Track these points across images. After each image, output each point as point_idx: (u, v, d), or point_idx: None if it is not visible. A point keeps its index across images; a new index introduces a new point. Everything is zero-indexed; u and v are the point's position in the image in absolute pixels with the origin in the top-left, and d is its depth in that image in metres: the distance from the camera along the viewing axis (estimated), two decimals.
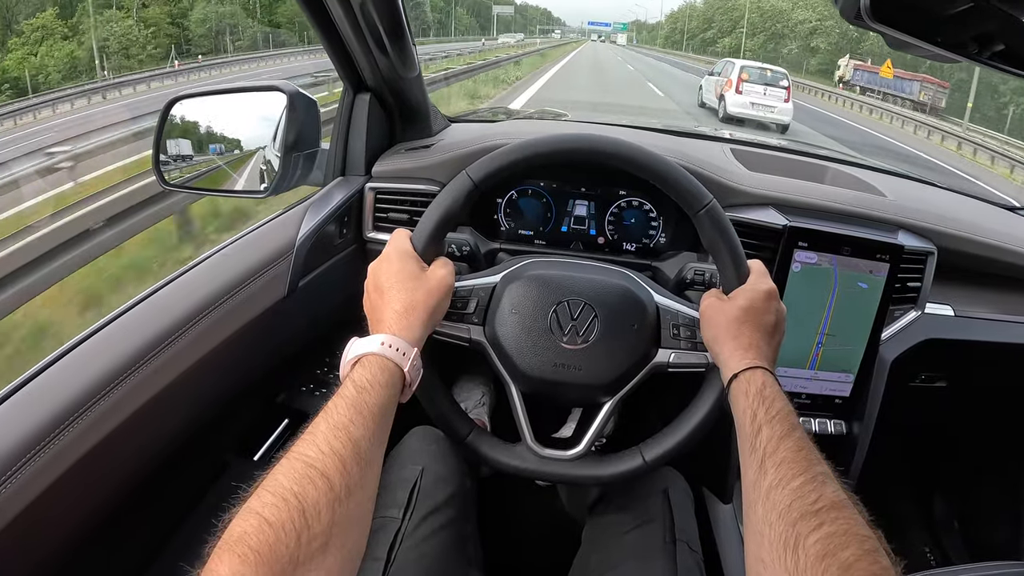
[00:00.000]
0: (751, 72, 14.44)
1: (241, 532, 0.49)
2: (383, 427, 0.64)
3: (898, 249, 1.10)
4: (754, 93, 14.13)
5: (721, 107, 14.53)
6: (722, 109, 14.45)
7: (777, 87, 14.27)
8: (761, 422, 0.66)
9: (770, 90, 14.19)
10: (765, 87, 14.19)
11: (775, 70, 14.88)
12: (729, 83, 14.36)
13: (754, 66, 14.96)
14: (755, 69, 14.66)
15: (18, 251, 3.20)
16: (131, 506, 0.77)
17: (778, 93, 14.21)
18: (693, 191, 0.82)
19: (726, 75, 14.78)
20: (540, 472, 0.87)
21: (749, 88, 14.15)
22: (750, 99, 14.05)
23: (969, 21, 0.59)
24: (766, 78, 14.36)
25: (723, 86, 14.65)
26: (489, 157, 0.82)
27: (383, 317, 0.72)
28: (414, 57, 1.16)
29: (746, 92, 14.11)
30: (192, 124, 1.12)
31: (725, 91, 14.43)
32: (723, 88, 14.61)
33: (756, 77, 14.34)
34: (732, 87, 14.22)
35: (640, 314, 0.86)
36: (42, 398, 0.69)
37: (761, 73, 14.51)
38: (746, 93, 14.11)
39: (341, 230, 1.15)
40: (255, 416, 1.18)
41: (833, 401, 1.17)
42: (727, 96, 14.31)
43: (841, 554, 0.52)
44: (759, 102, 14.02)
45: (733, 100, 14.14)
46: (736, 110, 13.98)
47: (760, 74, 14.47)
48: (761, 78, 14.34)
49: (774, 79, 14.39)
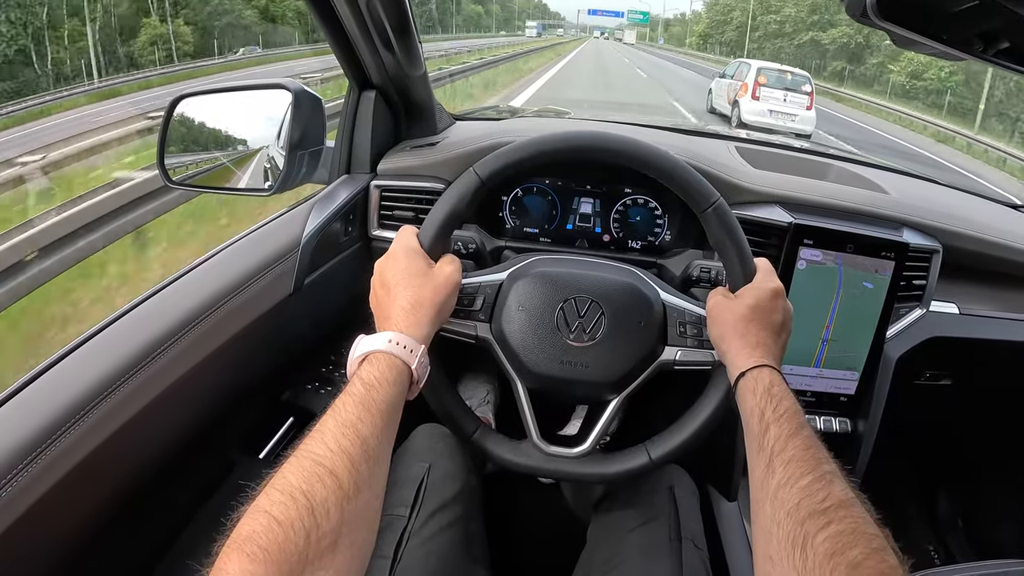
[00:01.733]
0: (769, 75, 12.78)
1: (250, 531, 0.49)
2: (391, 424, 0.64)
3: (903, 247, 1.10)
4: (773, 99, 12.51)
5: (734, 114, 12.85)
6: (735, 116, 12.75)
7: (799, 92, 12.61)
8: (769, 421, 0.66)
9: (791, 96, 12.55)
10: (785, 92, 12.57)
11: (797, 73, 13.17)
12: (744, 87, 12.71)
13: (773, 68, 13.30)
14: (774, 72, 12.98)
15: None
16: (138, 504, 0.77)
17: (800, 99, 12.56)
18: (701, 189, 0.82)
19: (740, 78, 13.12)
20: (546, 470, 0.87)
21: (767, 93, 12.54)
22: (768, 106, 12.42)
23: (975, 18, 0.59)
24: (786, 82, 12.71)
25: (737, 90, 12.96)
26: (496, 154, 0.82)
27: (390, 314, 0.72)
28: (420, 55, 1.16)
29: (764, 98, 12.50)
30: (197, 122, 1.11)
31: (740, 97, 12.76)
32: (737, 93, 12.92)
33: (775, 81, 12.68)
34: (748, 92, 12.58)
35: (647, 312, 0.86)
36: (49, 396, 0.69)
37: (781, 76, 12.84)
38: (764, 99, 12.50)
39: (346, 228, 1.15)
40: (260, 414, 1.18)
41: (838, 399, 1.17)
42: (742, 102, 12.62)
43: (849, 552, 0.52)
44: (778, 109, 12.40)
45: (749, 107, 12.46)
46: (752, 118, 12.18)
47: (780, 77, 12.81)
48: (781, 82, 12.68)
49: (795, 83, 12.72)
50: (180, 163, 1.12)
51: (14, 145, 10.06)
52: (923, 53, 0.69)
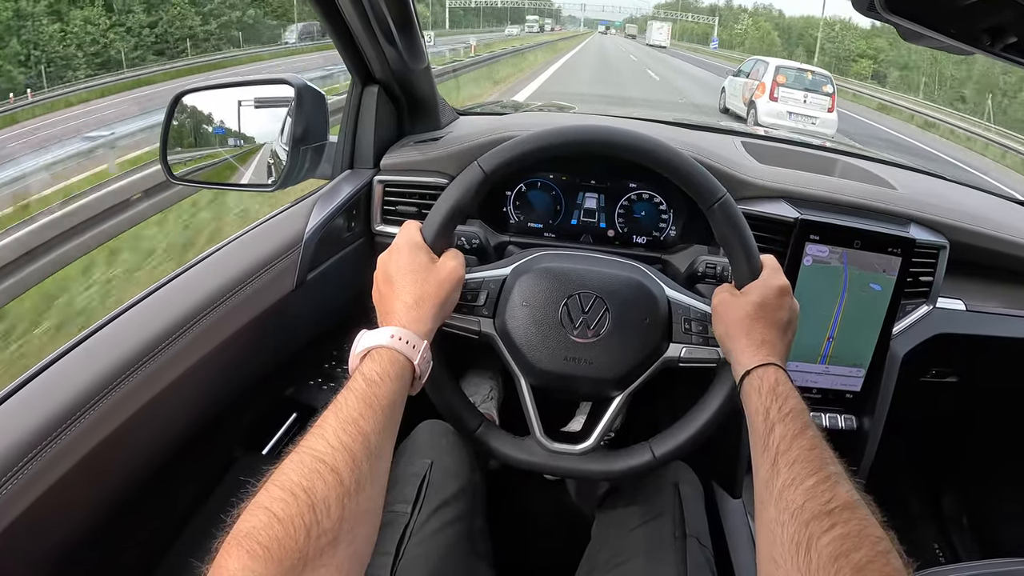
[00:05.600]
0: (789, 74, 11.96)
1: (250, 527, 0.48)
2: (393, 420, 0.63)
3: (910, 242, 1.09)
4: (792, 100, 11.65)
5: (750, 115, 11.99)
6: (751, 118, 11.87)
7: (820, 93, 11.78)
8: (774, 420, 0.66)
9: (811, 97, 11.72)
10: (805, 93, 11.74)
11: (817, 72, 12.40)
12: (762, 87, 11.84)
13: (792, 67, 12.44)
14: (793, 71, 12.16)
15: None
16: (139, 500, 0.77)
17: (821, 101, 11.72)
18: (706, 184, 0.82)
19: (757, 77, 12.26)
20: (550, 466, 0.87)
21: (786, 94, 11.70)
22: (787, 107, 11.56)
23: (982, 12, 0.59)
24: (806, 82, 11.87)
25: (754, 90, 12.12)
26: (500, 148, 0.82)
27: (393, 309, 0.72)
28: (423, 49, 1.15)
29: (782, 99, 11.65)
30: (200, 117, 1.11)
31: (756, 97, 11.91)
32: (754, 93, 12.08)
33: (794, 81, 11.84)
34: (765, 92, 11.71)
35: (652, 308, 0.85)
36: (51, 392, 0.69)
37: (800, 76, 12.01)
38: (782, 100, 11.64)
39: (349, 223, 1.15)
40: (263, 409, 1.18)
41: (844, 396, 1.16)
42: (759, 103, 11.75)
43: (854, 555, 0.51)
44: (798, 111, 11.53)
45: (766, 108, 11.56)
46: (769, 120, 11.26)
47: (799, 77, 11.97)
48: (800, 82, 11.84)
49: (816, 84, 11.89)
50: (183, 159, 1.12)
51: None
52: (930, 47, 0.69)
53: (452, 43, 27.29)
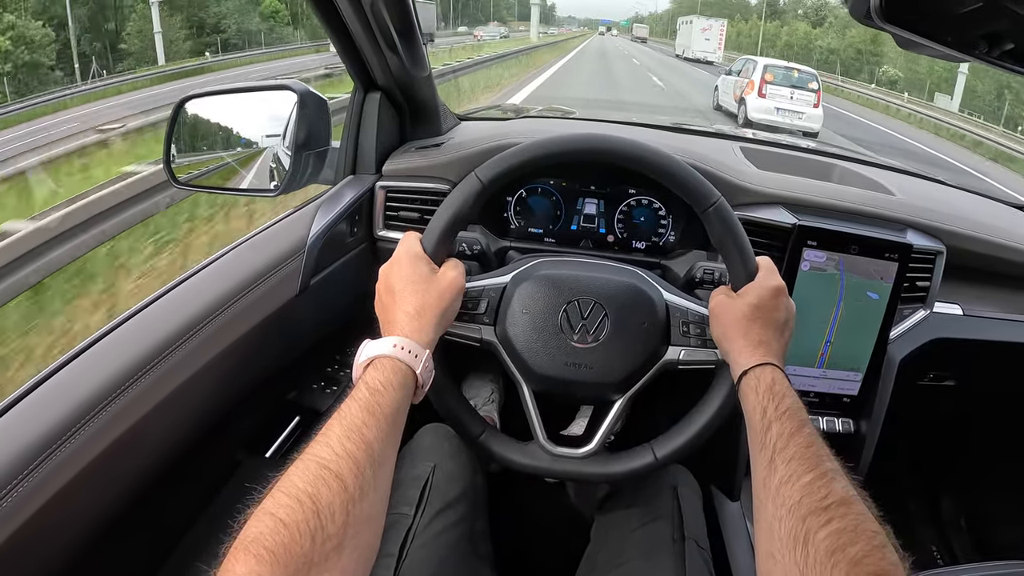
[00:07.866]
0: (776, 72, 12.62)
1: (257, 533, 0.49)
2: (396, 429, 0.64)
3: (907, 248, 1.10)
4: (779, 97, 12.32)
5: (741, 112, 12.66)
6: (742, 114, 12.56)
7: (805, 90, 12.43)
8: (771, 419, 0.67)
9: (797, 93, 12.37)
10: (792, 90, 12.38)
11: (804, 70, 13.05)
12: (751, 85, 12.50)
13: (779, 65, 13.12)
14: (781, 69, 12.82)
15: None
16: (145, 504, 0.77)
17: (807, 97, 12.40)
18: (701, 189, 0.83)
19: (747, 75, 12.94)
20: (553, 470, 0.88)
21: (774, 91, 12.35)
22: (775, 104, 12.23)
23: (979, 20, 0.59)
24: (793, 79, 12.53)
25: (744, 88, 12.80)
26: (498, 158, 0.83)
27: (395, 319, 0.73)
28: (424, 56, 1.16)
29: (770, 96, 12.31)
30: (203, 123, 1.12)
31: (746, 94, 12.59)
32: (744, 90, 12.76)
33: (782, 78, 12.50)
34: (754, 90, 12.39)
35: (650, 312, 0.86)
36: (58, 398, 0.70)
37: (787, 74, 12.67)
38: (770, 97, 12.31)
39: (352, 228, 1.15)
40: (267, 414, 1.18)
41: (841, 400, 1.17)
42: (748, 100, 12.44)
43: (850, 549, 0.52)
44: (785, 107, 12.21)
45: (755, 105, 12.27)
46: (758, 116, 12.04)
47: (786, 75, 12.63)
48: (787, 80, 12.51)
49: (802, 81, 12.55)
50: (186, 163, 1.12)
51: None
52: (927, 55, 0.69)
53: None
